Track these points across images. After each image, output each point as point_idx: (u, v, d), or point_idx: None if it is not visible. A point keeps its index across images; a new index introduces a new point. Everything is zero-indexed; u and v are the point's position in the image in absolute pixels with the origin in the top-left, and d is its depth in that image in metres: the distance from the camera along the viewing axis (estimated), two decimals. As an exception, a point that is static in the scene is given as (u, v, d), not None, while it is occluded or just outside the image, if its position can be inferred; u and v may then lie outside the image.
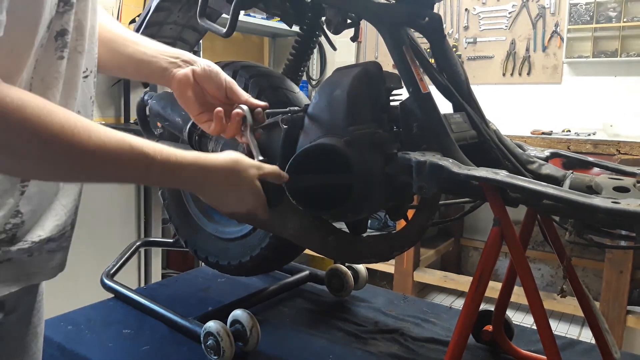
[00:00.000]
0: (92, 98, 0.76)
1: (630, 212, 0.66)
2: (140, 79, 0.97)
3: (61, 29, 0.64)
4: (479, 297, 0.83)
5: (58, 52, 0.64)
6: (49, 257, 0.74)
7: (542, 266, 3.36)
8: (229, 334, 1.08)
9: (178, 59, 0.87)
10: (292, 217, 0.95)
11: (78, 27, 0.67)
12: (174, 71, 0.86)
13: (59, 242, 0.74)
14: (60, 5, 0.63)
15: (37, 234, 0.70)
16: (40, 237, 0.70)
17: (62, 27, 0.64)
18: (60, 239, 0.74)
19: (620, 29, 2.87)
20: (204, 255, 1.29)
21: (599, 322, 0.98)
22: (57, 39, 0.64)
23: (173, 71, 0.86)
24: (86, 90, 0.73)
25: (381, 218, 3.03)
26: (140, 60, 0.86)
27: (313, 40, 1.27)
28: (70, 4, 0.64)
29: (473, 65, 3.40)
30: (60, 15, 0.63)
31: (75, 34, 0.67)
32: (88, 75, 0.73)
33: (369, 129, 0.88)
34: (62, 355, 1.15)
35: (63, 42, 0.64)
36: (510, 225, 0.82)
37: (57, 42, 0.64)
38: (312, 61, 3.95)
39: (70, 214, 0.76)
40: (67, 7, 0.64)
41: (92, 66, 0.75)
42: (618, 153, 2.41)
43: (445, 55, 1.02)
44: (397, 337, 1.22)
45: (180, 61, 0.87)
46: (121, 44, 0.86)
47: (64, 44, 0.65)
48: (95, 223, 2.51)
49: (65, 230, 0.75)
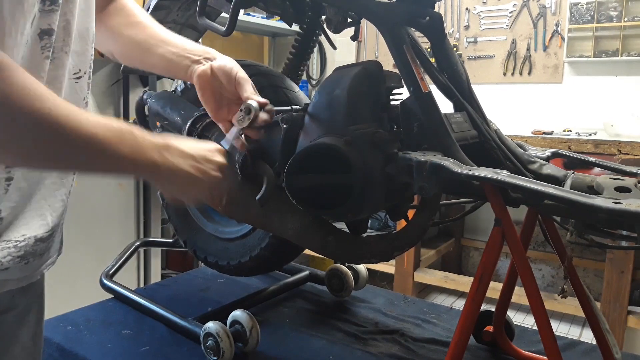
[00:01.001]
0: (86, 99, 0.76)
1: (631, 212, 0.65)
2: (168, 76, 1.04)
3: (47, 28, 0.63)
4: (480, 298, 0.82)
5: (45, 51, 0.64)
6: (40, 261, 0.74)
7: (543, 266, 3.35)
8: (228, 335, 1.07)
9: (201, 57, 0.91)
10: (292, 217, 0.94)
11: (65, 27, 0.67)
12: (195, 67, 0.90)
13: (47, 244, 0.74)
14: (47, 3, 0.62)
15: (21, 233, 0.69)
16: (24, 236, 0.69)
17: (49, 27, 0.63)
18: (48, 240, 0.74)
19: (621, 29, 2.87)
20: (203, 256, 1.28)
21: (600, 323, 0.98)
22: (42, 38, 0.63)
23: (195, 67, 0.90)
24: (79, 91, 0.73)
25: (381, 218, 3.02)
26: (170, 60, 0.90)
27: (313, 40, 1.26)
28: (57, 4, 0.64)
29: (474, 64, 3.39)
30: (46, 14, 0.63)
31: (63, 34, 0.67)
32: (81, 77, 0.73)
33: (370, 128, 0.87)
34: (62, 355, 1.15)
35: (49, 42, 0.64)
36: (511, 226, 0.82)
37: (42, 41, 0.63)
38: (312, 60, 3.94)
39: (58, 214, 0.75)
40: (54, 6, 0.63)
41: (86, 67, 0.74)
42: (619, 153, 2.40)
43: (446, 55, 1.01)
44: (398, 338, 1.21)
45: (203, 59, 0.91)
46: (154, 45, 0.90)
47: (50, 44, 0.64)
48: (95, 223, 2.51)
49: (53, 231, 0.74)
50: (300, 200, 0.89)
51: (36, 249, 0.72)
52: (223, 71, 0.90)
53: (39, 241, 0.72)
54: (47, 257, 0.76)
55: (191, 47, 0.92)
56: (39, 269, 0.76)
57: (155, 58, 0.91)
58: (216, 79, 0.90)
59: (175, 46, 0.91)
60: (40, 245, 0.72)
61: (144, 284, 2.73)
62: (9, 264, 0.68)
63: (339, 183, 0.85)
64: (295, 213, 0.94)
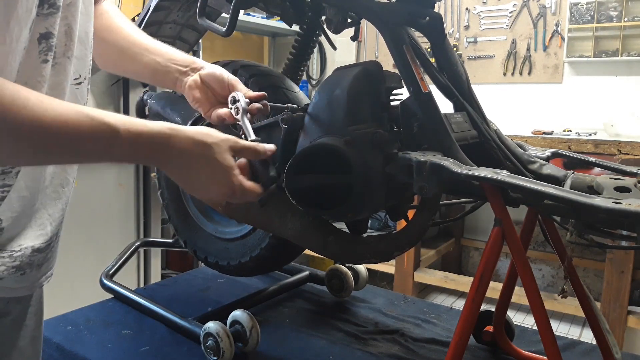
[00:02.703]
0: (86, 105, 0.75)
1: (631, 212, 0.65)
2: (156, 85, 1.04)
3: (45, 32, 0.62)
4: (480, 298, 0.82)
5: (42, 55, 0.63)
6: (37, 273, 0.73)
7: (543, 266, 3.35)
8: (228, 335, 1.07)
9: (188, 68, 0.92)
10: (292, 217, 0.94)
11: (67, 31, 0.67)
12: (184, 80, 0.92)
13: (45, 254, 0.73)
14: (45, 7, 0.61)
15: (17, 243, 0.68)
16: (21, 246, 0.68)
17: (47, 30, 0.63)
18: (46, 251, 0.73)
19: (621, 29, 2.86)
20: (203, 256, 1.29)
21: (600, 323, 0.98)
22: (40, 42, 0.62)
23: (184, 80, 0.92)
24: (79, 96, 0.73)
25: (381, 218, 3.02)
26: (155, 69, 0.91)
27: (313, 40, 1.26)
28: (56, 7, 0.63)
29: (474, 64, 3.39)
30: (44, 18, 0.62)
31: (65, 38, 0.66)
32: (81, 82, 0.73)
33: (369, 128, 0.87)
34: (61, 355, 1.15)
35: (47, 46, 0.63)
36: (511, 226, 0.82)
37: (40, 45, 0.62)
38: (312, 60, 3.94)
39: (57, 224, 0.74)
40: (53, 9, 0.62)
41: (86, 72, 0.74)
42: (619, 153, 2.40)
43: (446, 55, 1.01)
44: (398, 338, 1.21)
45: (190, 70, 0.92)
46: (138, 53, 0.90)
47: (48, 47, 0.63)
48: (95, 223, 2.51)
49: (51, 241, 0.73)
50: (300, 201, 0.89)
51: (33, 259, 0.70)
52: (214, 78, 0.91)
53: (36, 252, 0.70)
54: (47, 268, 0.75)
55: (177, 57, 0.92)
56: (38, 281, 0.74)
57: (139, 66, 0.91)
58: (208, 86, 0.92)
59: (160, 55, 0.91)
60: (38, 256, 0.71)
61: (144, 284, 2.73)
62: (3, 274, 0.67)
63: (339, 183, 0.85)
64: (295, 213, 0.94)
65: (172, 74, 0.91)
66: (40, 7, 0.61)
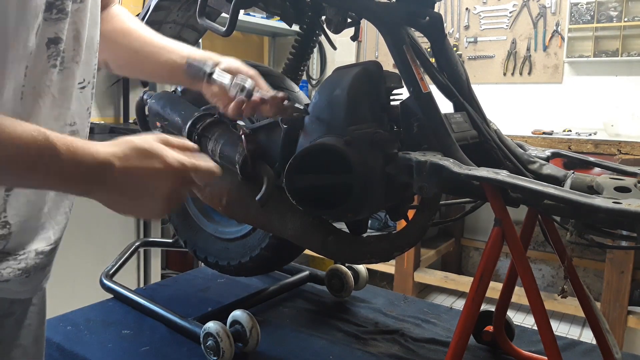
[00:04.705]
0: (89, 109, 0.75)
1: (631, 212, 0.65)
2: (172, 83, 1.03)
3: (54, 37, 0.62)
4: (480, 298, 0.82)
5: (52, 60, 0.63)
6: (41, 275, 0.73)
7: (543, 266, 3.35)
8: (228, 335, 1.07)
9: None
10: (292, 217, 0.94)
11: (76, 37, 0.66)
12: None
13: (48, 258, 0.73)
14: (53, 12, 0.61)
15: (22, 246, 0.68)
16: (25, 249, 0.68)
17: (56, 35, 0.63)
18: (50, 254, 0.73)
19: (621, 29, 2.86)
20: (203, 256, 1.29)
21: (600, 323, 0.98)
22: (48, 47, 0.62)
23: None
24: (82, 101, 0.72)
25: (381, 218, 3.02)
26: (173, 67, 0.90)
27: (313, 40, 1.26)
28: (65, 12, 0.63)
29: (474, 64, 3.39)
30: (53, 22, 0.62)
31: (73, 44, 0.66)
32: (85, 87, 0.72)
33: (369, 128, 0.87)
34: (61, 355, 1.15)
35: (56, 51, 0.63)
36: (511, 226, 0.82)
37: (49, 49, 0.62)
38: (312, 60, 3.94)
39: (61, 229, 0.75)
40: (62, 15, 0.62)
41: (90, 77, 0.74)
42: (619, 153, 2.40)
43: (446, 55, 1.01)
44: (398, 338, 1.21)
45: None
46: (154, 52, 0.90)
47: (57, 52, 0.63)
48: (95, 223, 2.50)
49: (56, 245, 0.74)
50: (300, 201, 0.89)
51: (38, 262, 0.71)
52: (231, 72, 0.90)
53: (40, 254, 0.71)
54: (48, 270, 0.76)
55: (194, 54, 0.92)
56: (40, 283, 0.75)
57: (156, 66, 0.90)
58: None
59: (177, 53, 0.91)
60: (42, 259, 0.71)
61: (144, 284, 2.73)
62: (9, 277, 0.67)
63: (339, 183, 0.85)
64: (295, 213, 0.94)
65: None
66: (48, 12, 0.61)
